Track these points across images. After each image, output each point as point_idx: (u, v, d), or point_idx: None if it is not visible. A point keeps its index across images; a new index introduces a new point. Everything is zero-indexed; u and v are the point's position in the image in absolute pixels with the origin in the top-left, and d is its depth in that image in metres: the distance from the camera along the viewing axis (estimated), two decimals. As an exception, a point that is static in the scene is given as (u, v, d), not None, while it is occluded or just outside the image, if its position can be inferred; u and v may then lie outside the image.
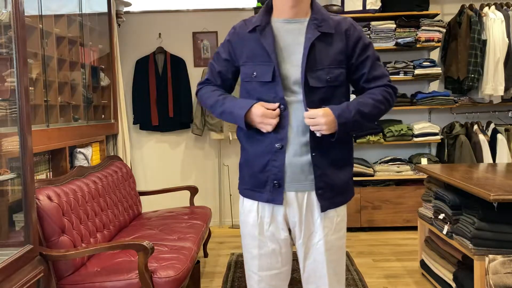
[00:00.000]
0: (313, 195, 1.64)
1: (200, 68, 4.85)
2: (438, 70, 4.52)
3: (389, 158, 4.61)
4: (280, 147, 1.60)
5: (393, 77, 4.52)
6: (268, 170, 1.63)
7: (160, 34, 4.89)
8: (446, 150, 4.55)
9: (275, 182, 1.62)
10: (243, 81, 1.70)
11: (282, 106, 1.59)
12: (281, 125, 1.60)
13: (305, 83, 1.58)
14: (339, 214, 1.70)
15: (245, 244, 1.75)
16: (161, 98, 4.78)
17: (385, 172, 4.51)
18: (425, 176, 3.48)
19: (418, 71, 4.50)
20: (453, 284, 2.80)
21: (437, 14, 4.53)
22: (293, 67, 1.61)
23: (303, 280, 1.75)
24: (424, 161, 4.50)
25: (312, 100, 1.59)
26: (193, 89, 4.86)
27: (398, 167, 4.51)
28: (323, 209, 1.64)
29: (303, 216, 1.66)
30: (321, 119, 1.54)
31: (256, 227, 1.69)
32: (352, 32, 1.65)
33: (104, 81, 4.19)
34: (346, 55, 1.64)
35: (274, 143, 1.61)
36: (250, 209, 1.70)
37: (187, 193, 4.01)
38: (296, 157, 1.61)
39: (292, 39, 1.62)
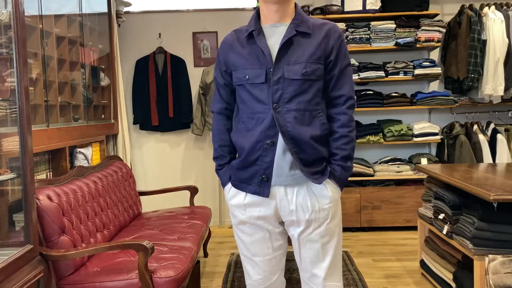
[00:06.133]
0: (303, 188, 1.70)
1: (200, 68, 4.85)
2: (438, 70, 4.52)
3: (389, 158, 4.61)
4: (271, 143, 1.68)
5: (393, 77, 4.53)
6: (258, 164, 1.71)
7: (160, 34, 4.89)
8: (446, 150, 4.55)
9: (263, 176, 1.70)
10: (236, 85, 1.76)
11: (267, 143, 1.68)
12: (271, 124, 1.67)
13: (282, 75, 1.66)
14: (336, 205, 1.74)
15: (236, 231, 1.84)
16: (161, 98, 4.78)
17: (385, 172, 4.51)
18: (425, 176, 3.48)
19: (418, 71, 4.50)
20: (453, 284, 2.81)
21: (437, 14, 4.53)
22: None
23: (300, 269, 1.80)
24: (424, 161, 4.51)
25: (287, 91, 1.66)
26: (193, 89, 4.86)
27: (398, 167, 4.51)
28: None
29: (296, 209, 1.70)
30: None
31: (245, 216, 1.77)
32: (334, 31, 1.72)
33: (104, 81, 4.19)
34: (325, 51, 1.69)
35: (265, 139, 1.68)
36: (239, 202, 1.78)
37: (187, 193, 4.01)
38: (285, 153, 1.69)
39: (275, 41, 1.70)
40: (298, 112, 1.66)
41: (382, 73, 4.52)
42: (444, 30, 4.50)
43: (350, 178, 4.48)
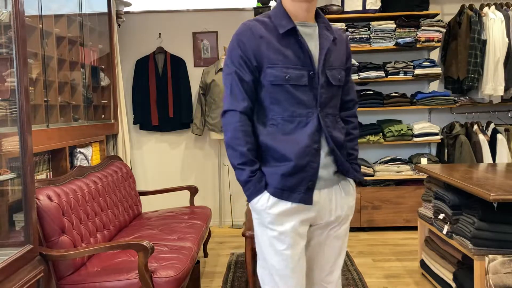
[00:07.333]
0: (338, 187, 1.71)
1: (200, 68, 4.85)
2: (438, 70, 4.52)
3: (389, 158, 4.61)
4: (318, 148, 1.64)
5: (393, 77, 4.53)
6: (307, 170, 1.62)
7: (160, 34, 4.89)
8: (446, 150, 4.55)
9: (310, 182, 1.63)
10: (271, 84, 1.62)
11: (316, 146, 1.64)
12: (317, 128, 1.63)
13: (326, 80, 1.66)
14: (354, 200, 1.79)
15: (273, 243, 1.65)
16: (161, 98, 4.78)
17: (385, 172, 4.51)
18: (425, 176, 3.48)
19: (418, 71, 4.50)
20: (453, 284, 2.80)
21: (437, 14, 4.53)
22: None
23: (317, 270, 1.77)
24: (424, 161, 4.51)
25: (327, 96, 1.67)
26: (193, 89, 4.86)
27: (398, 167, 4.51)
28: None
29: (335, 207, 1.71)
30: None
31: (293, 223, 1.65)
32: (346, 37, 1.81)
33: (104, 81, 4.19)
34: (346, 57, 1.78)
35: (312, 144, 1.63)
36: (284, 208, 1.64)
37: (187, 193, 4.01)
38: (327, 156, 1.67)
39: (313, 43, 1.67)
40: (332, 116, 1.69)
41: (382, 73, 4.52)
42: (444, 30, 4.50)
43: (350, 178, 4.51)
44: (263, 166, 1.65)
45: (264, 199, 1.63)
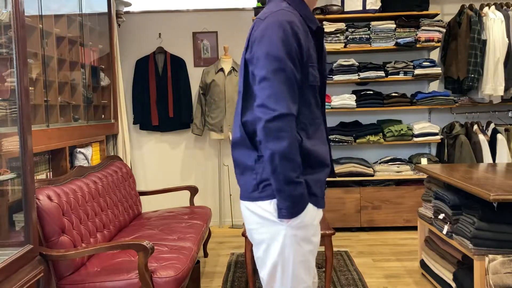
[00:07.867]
0: None
1: (200, 68, 4.85)
2: (438, 70, 4.52)
3: (389, 158, 4.61)
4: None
5: (393, 77, 4.53)
6: (327, 174, 1.57)
7: (160, 34, 4.89)
8: (446, 150, 4.55)
9: (326, 185, 1.61)
10: (309, 84, 1.48)
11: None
12: (323, 128, 1.61)
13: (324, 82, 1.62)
14: None
15: (308, 258, 1.52)
16: (161, 98, 4.78)
17: (385, 172, 4.51)
18: (425, 176, 3.48)
19: (418, 71, 4.50)
20: (453, 284, 2.81)
21: (437, 14, 4.53)
22: None
23: None
24: (424, 161, 4.51)
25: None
26: (193, 89, 4.86)
27: (398, 167, 4.51)
28: None
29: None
30: None
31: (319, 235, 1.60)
32: None
33: (104, 81, 4.19)
34: None
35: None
36: (319, 218, 1.56)
37: (187, 193, 4.01)
38: None
39: None
40: None
41: (382, 73, 4.51)
42: (444, 30, 4.50)
43: (350, 178, 4.52)
44: (303, 175, 1.44)
45: (311, 210, 1.47)
